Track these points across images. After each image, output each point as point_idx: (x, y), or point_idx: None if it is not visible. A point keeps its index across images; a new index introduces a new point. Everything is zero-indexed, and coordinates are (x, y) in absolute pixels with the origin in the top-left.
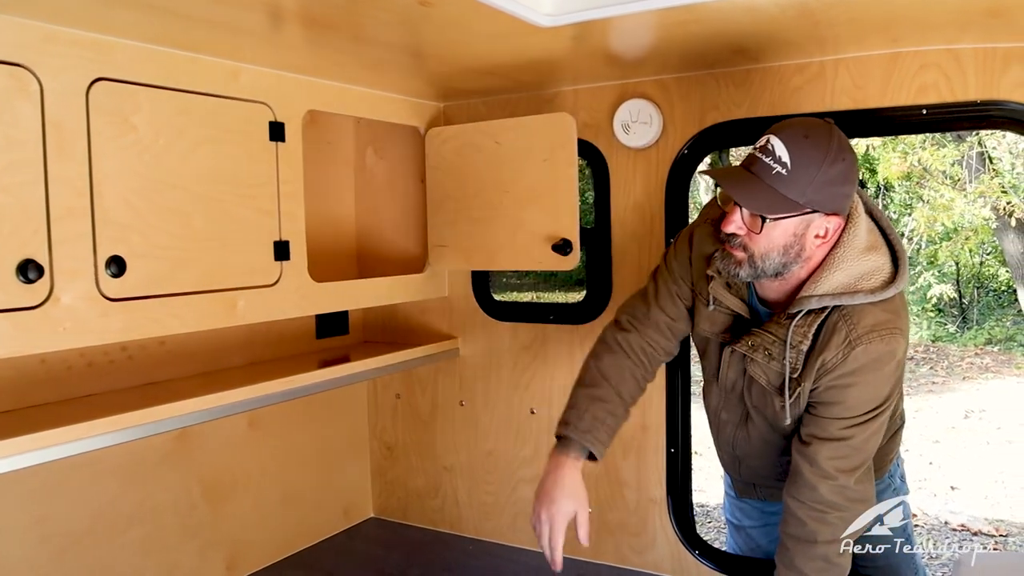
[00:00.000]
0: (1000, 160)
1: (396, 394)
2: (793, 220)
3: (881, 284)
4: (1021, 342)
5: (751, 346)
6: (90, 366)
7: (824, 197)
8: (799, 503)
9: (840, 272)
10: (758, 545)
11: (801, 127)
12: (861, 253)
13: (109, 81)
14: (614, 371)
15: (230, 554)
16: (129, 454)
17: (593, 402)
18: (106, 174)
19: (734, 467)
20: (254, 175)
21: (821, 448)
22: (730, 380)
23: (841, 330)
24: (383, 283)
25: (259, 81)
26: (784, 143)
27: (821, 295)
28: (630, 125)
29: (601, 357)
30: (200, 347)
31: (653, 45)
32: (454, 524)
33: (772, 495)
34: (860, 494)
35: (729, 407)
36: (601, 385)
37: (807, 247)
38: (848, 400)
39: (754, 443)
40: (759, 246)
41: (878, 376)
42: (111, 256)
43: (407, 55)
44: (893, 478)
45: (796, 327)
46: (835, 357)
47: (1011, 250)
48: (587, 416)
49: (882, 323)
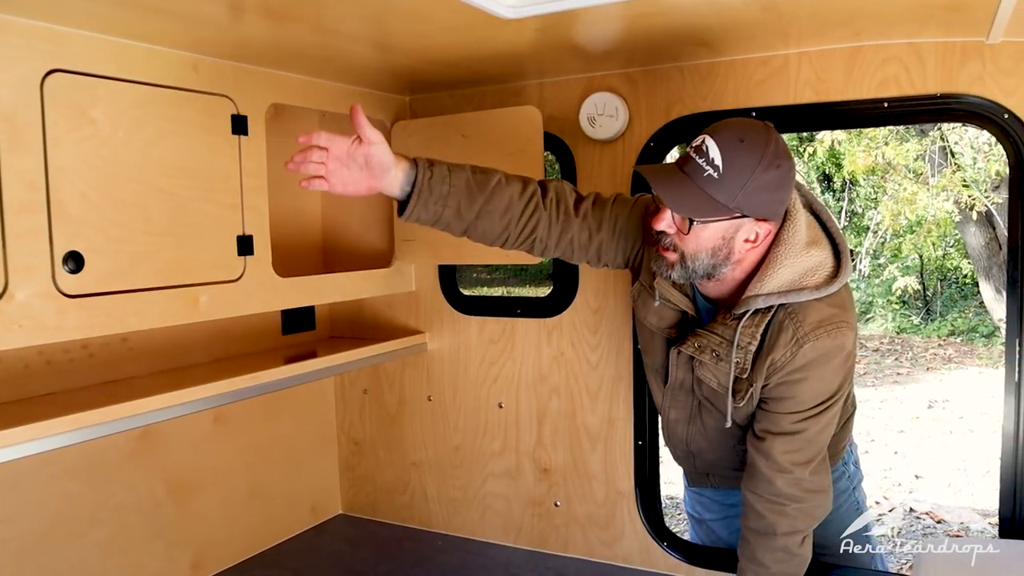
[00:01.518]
0: (962, 154)
1: (364, 389)
2: (722, 224)
3: (825, 279)
4: (983, 333)
5: (698, 347)
6: (49, 364)
7: (754, 203)
8: (757, 497)
9: (784, 269)
10: (719, 537)
11: (738, 129)
12: (803, 249)
13: (65, 73)
14: (508, 191)
15: (196, 553)
16: (91, 453)
17: (464, 181)
18: (62, 167)
19: (688, 461)
20: (216, 169)
21: (775, 443)
22: (678, 379)
23: (788, 328)
24: (350, 278)
25: (220, 73)
26: (718, 145)
27: (767, 294)
28: (596, 118)
29: (513, 181)
30: (163, 344)
31: (617, 38)
32: (423, 520)
33: (726, 483)
34: (816, 484)
35: (677, 404)
36: (490, 180)
37: (736, 250)
38: (799, 395)
39: (709, 436)
40: (688, 247)
41: (827, 370)
42: (68, 252)
43: (371, 48)
44: (847, 465)
45: (744, 328)
46: (784, 356)
47: (973, 243)
48: (450, 171)
49: (828, 318)
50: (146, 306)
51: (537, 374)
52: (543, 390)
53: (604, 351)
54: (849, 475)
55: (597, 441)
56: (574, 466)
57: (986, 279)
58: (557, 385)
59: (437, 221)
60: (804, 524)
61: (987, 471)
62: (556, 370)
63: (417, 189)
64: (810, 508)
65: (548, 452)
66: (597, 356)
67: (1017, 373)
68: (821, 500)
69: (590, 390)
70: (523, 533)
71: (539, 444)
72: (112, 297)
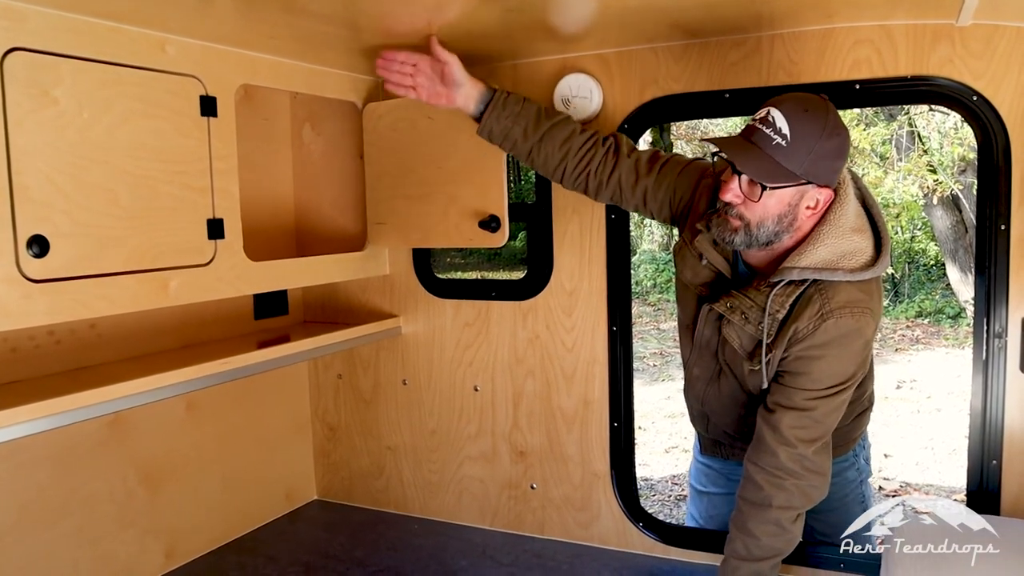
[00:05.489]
0: (929, 138)
1: (338, 374)
2: (789, 190)
3: (861, 265)
4: (949, 314)
5: (729, 307)
6: (14, 352)
7: (819, 169)
8: (758, 468)
9: (824, 248)
10: (719, 512)
11: (801, 101)
12: (846, 232)
13: (25, 51)
14: (571, 125)
15: (169, 542)
16: (60, 442)
17: (535, 108)
18: (25, 149)
19: (702, 422)
20: (185, 151)
21: (784, 416)
22: (705, 337)
23: (816, 302)
24: (322, 262)
25: (188, 53)
26: (784, 115)
27: (803, 267)
28: (570, 100)
29: (577, 123)
30: (133, 330)
31: (591, 18)
32: (399, 504)
33: (735, 455)
34: (817, 465)
35: (702, 363)
36: (558, 115)
37: (799, 217)
38: (814, 372)
39: (724, 400)
40: (755, 214)
41: (845, 352)
42: (33, 235)
43: (342, 27)
44: (858, 458)
45: (776, 296)
46: (807, 327)
47: (940, 225)
48: (524, 99)
49: (855, 301)
50: (115, 291)
51: (512, 357)
52: (518, 373)
53: (579, 333)
54: (859, 467)
55: (573, 423)
56: (550, 448)
57: (952, 261)
58: (532, 368)
59: (506, 137)
60: (799, 502)
61: (953, 449)
62: (531, 353)
63: (493, 103)
64: (807, 487)
65: (524, 435)
66: (572, 338)
67: (984, 352)
68: (819, 481)
69: (565, 372)
70: (499, 516)
71: (515, 427)
72: (79, 282)
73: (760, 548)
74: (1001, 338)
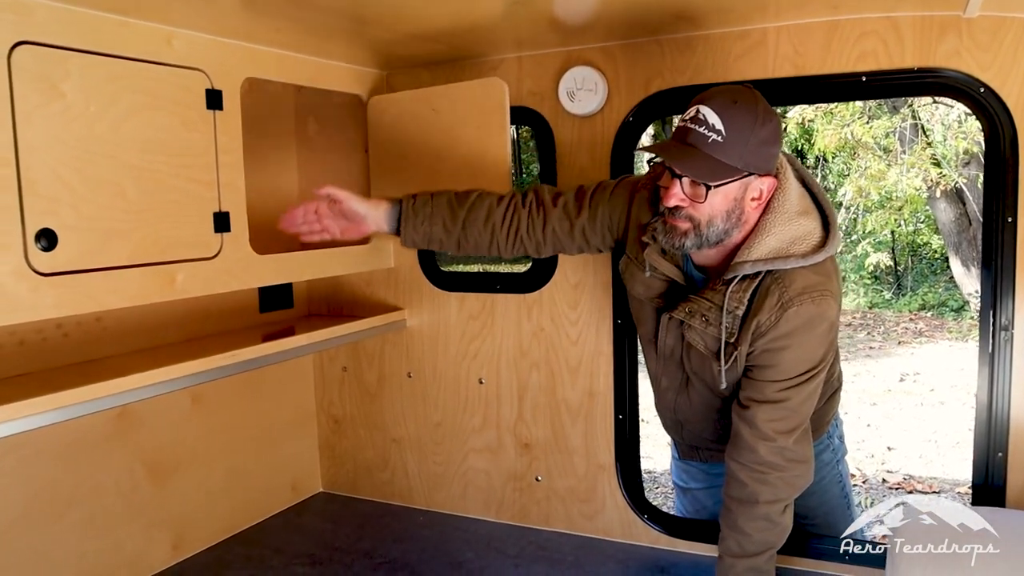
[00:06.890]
0: (932, 131)
1: (343, 367)
2: (733, 185)
3: (812, 248)
4: (952, 307)
5: (688, 312)
6: (22, 344)
7: (758, 159)
8: (740, 465)
9: (772, 237)
10: (704, 506)
11: (729, 93)
12: (792, 217)
13: (33, 45)
14: (487, 200)
15: (176, 533)
16: (67, 434)
17: (445, 200)
18: (32, 143)
19: (676, 430)
20: (191, 144)
21: (759, 411)
22: (668, 346)
23: (774, 293)
24: (328, 255)
25: (194, 47)
26: (716, 111)
27: (755, 260)
28: (575, 92)
29: (491, 193)
30: (139, 323)
31: (595, 10)
32: (404, 496)
33: (714, 457)
34: (798, 454)
35: (669, 373)
36: (469, 195)
37: (746, 210)
38: (783, 363)
39: (695, 407)
40: (704, 214)
41: (811, 338)
42: (41, 229)
43: (348, 20)
44: (832, 438)
45: (732, 293)
46: (768, 319)
47: (943, 218)
48: (432, 196)
49: (813, 285)
50: (122, 284)
51: (517, 349)
52: (523, 365)
53: (584, 326)
54: (834, 448)
55: (577, 415)
56: (555, 441)
57: (956, 254)
58: (537, 360)
59: (430, 240)
60: (786, 493)
61: (957, 442)
62: (536, 345)
63: (404, 216)
64: (791, 478)
65: (529, 427)
66: (577, 331)
67: (990, 345)
68: (802, 470)
69: (570, 365)
70: (504, 508)
71: (520, 419)
72: (87, 275)
73: (753, 544)
74: (1007, 331)
